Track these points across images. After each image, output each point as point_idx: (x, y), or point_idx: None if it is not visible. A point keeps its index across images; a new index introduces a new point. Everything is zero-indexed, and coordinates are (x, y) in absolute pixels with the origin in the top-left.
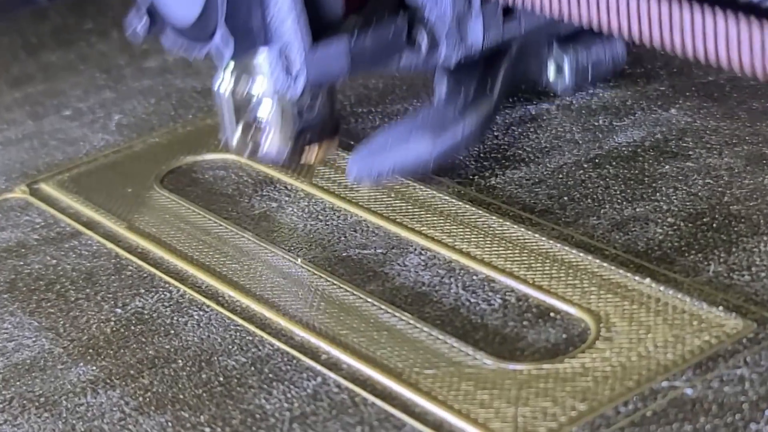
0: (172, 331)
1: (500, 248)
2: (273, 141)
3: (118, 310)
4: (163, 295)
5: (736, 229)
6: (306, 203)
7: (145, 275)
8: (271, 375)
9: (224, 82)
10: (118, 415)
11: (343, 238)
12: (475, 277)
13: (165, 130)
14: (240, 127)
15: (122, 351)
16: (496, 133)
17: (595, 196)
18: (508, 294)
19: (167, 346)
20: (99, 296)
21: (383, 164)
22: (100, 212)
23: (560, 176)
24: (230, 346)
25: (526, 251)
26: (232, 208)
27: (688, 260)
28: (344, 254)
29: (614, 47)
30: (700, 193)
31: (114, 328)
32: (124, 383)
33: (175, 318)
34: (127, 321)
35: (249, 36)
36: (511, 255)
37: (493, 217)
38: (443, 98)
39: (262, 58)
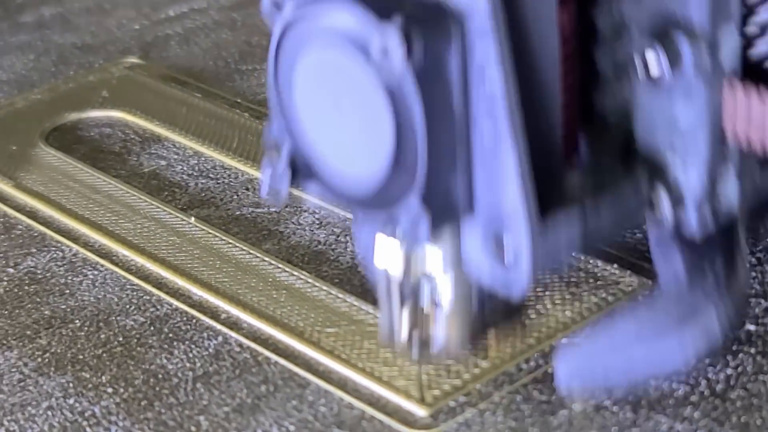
0: (68, 291)
1: None
2: (450, 332)
3: (10, 270)
4: (55, 255)
5: None
6: (196, 161)
7: (35, 234)
8: (171, 335)
9: (390, 259)
10: (18, 377)
11: (235, 197)
12: None
13: (47, 87)
14: (406, 317)
15: (17, 311)
16: None
17: None
18: None
19: (63, 306)
20: None
21: (611, 371)
22: None
23: None
24: (127, 306)
25: None
26: (121, 166)
27: None
28: (238, 213)
29: None
30: None
31: (7, 288)
32: (21, 344)
33: (69, 278)
34: (20, 281)
35: (447, 208)
36: None
37: None
38: (682, 279)
39: (454, 228)
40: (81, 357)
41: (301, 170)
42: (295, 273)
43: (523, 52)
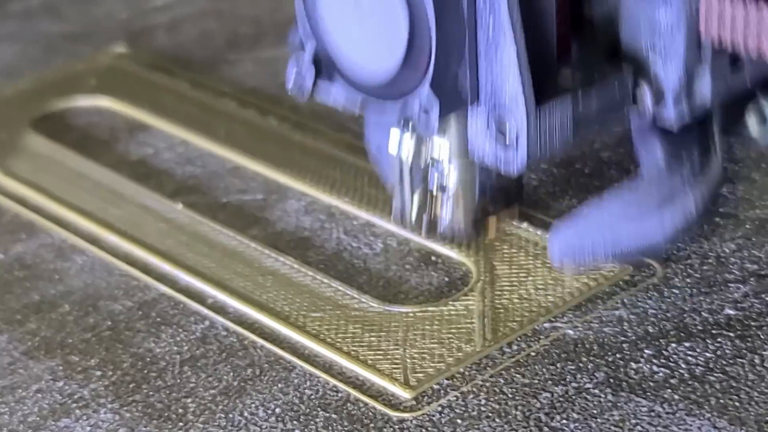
0: (57, 276)
1: (379, 193)
2: (455, 214)
3: (0, 256)
4: (44, 241)
5: (608, 174)
6: (183, 149)
7: (24, 221)
8: (158, 319)
9: (404, 146)
10: (8, 360)
11: (222, 184)
12: (355, 222)
13: (35, 76)
14: (416, 199)
15: (7, 296)
16: None
17: None
18: (389, 238)
19: (52, 291)
20: None
21: (599, 246)
22: None
23: None
24: (116, 291)
25: None
26: (109, 153)
27: (563, 205)
28: (224, 200)
29: None
30: None
31: None
32: (11, 328)
33: (58, 263)
34: (10, 266)
35: (455, 96)
36: (389, 199)
37: (371, 164)
38: (662, 166)
39: (459, 121)
40: (70, 341)
41: (323, 68)
42: (281, 258)
43: None
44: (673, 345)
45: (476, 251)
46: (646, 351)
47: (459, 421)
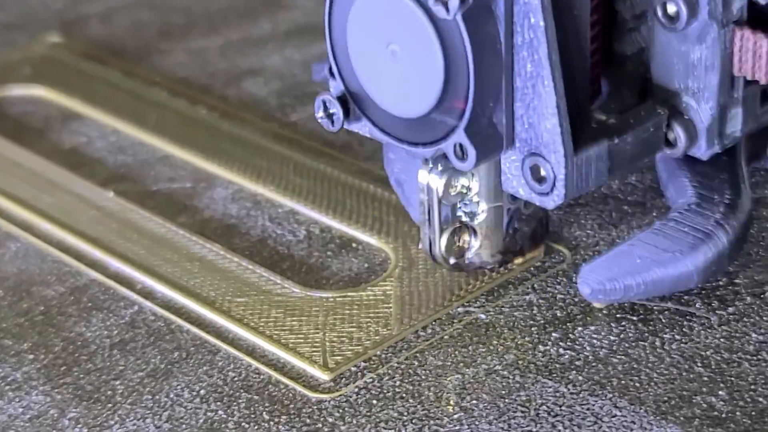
0: None
1: (303, 181)
2: (482, 249)
3: None
4: None
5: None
6: (115, 138)
7: None
8: (89, 304)
9: (435, 178)
10: None
11: (152, 173)
12: (280, 210)
13: None
14: (446, 233)
15: None
16: None
17: None
18: (312, 226)
19: None
20: None
21: (631, 282)
22: None
23: None
24: (48, 277)
25: (327, 185)
26: (42, 142)
27: None
28: (154, 188)
29: None
30: None
31: None
32: None
33: None
34: None
35: (491, 141)
36: (313, 188)
37: (296, 153)
38: (693, 201)
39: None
40: (4, 325)
41: (352, 107)
42: (208, 245)
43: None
44: (579, 329)
45: (395, 238)
46: (554, 334)
47: (375, 401)
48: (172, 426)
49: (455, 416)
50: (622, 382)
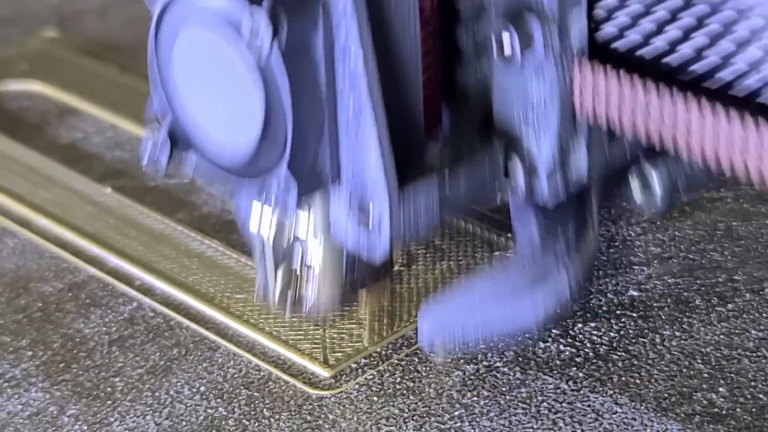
0: None
1: None
2: (321, 292)
3: None
4: None
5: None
6: (112, 134)
7: None
8: (88, 300)
9: (263, 224)
10: None
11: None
12: None
13: None
14: (280, 277)
15: None
16: None
17: None
18: None
19: None
20: None
21: (468, 329)
22: None
23: None
24: (46, 273)
25: None
26: (39, 138)
27: None
28: (152, 184)
29: None
30: None
31: None
32: None
33: None
34: None
35: (315, 177)
36: None
37: None
38: (536, 243)
39: (324, 196)
40: (1, 322)
41: (180, 142)
42: (207, 241)
43: (385, 32)
44: (580, 325)
45: None
46: (554, 331)
47: (375, 398)
48: (172, 423)
49: (456, 413)
50: (623, 378)
